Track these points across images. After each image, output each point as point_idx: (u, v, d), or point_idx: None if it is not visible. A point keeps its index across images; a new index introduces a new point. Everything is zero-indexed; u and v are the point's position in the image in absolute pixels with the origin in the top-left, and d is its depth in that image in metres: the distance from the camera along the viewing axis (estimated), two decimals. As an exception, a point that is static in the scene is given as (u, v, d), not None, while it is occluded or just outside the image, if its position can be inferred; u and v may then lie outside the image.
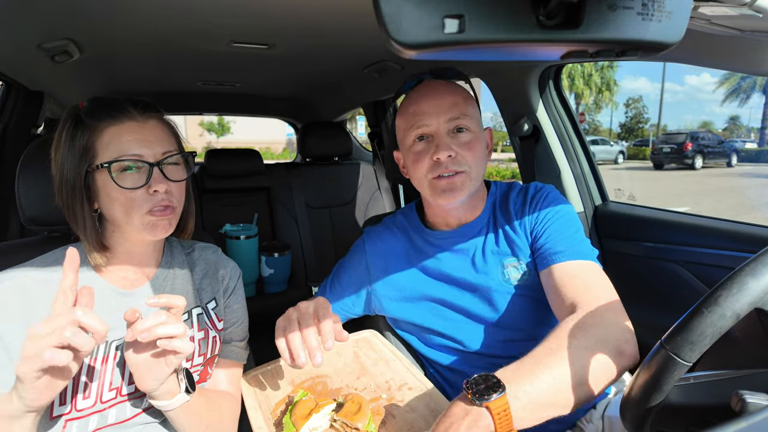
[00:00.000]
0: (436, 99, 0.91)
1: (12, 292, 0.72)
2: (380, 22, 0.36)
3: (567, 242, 0.89)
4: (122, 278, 0.84)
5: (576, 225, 0.93)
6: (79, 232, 0.79)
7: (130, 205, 0.76)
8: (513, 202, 0.99)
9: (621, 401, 0.56)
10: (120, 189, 0.74)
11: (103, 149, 0.75)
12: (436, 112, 0.90)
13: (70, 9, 1.01)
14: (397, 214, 1.13)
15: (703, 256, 1.23)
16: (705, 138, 17.09)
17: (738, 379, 0.53)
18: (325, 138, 2.38)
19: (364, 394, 0.87)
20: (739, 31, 0.66)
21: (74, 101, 0.81)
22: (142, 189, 0.76)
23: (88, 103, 0.78)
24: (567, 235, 0.90)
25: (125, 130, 0.76)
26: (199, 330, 0.89)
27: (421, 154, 0.92)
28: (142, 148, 0.76)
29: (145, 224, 0.77)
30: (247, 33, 1.25)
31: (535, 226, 0.94)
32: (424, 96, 0.93)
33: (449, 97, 0.91)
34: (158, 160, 0.78)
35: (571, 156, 1.56)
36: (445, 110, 0.90)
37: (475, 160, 0.91)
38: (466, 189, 0.91)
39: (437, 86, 0.94)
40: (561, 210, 0.94)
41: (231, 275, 0.98)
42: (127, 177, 0.76)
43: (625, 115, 41.11)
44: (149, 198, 0.77)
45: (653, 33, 0.40)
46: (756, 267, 0.48)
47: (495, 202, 1.01)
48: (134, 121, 0.78)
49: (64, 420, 0.73)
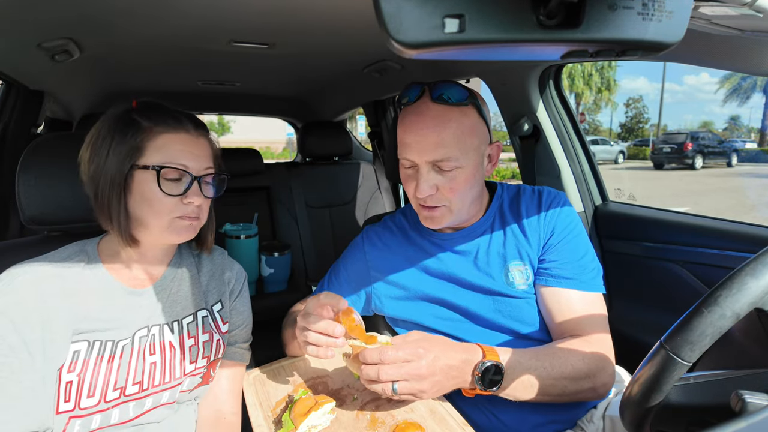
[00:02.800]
0: (422, 136, 0.85)
1: (28, 286, 0.73)
2: (380, 21, 0.36)
3: (577, 269, 0.90)
4: (132, 278, 0.85)
5: (585, 245, 0.94)
6: (111, 226, 0.80)
7: (162, 209, 0.78)
8: (525, 205, 0.97)
9: (621, 401, 0.57)
10: (159, 192, 0.77)
11: (153, 152, 0.78)
12: (419, 150, 0.86)
13: (71, 8, 1.01)
14: (396, 214, 1.13)
15: (703, 256, 1.23)
16: (705, 138, 17.07)
17: (738, 379, 0.53)
18: (325, 138, 2.38)
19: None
20: (739, 31, 0.66)
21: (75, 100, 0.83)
22: (178, 197, 0.79)
23: (143, 105, 0.81)
24: (578, 258, 0.91)
25: (179, 140, 0.80)
26: (203, 332, 0.89)
27: (408, 179, 0.92)
28: (189, 161, 0.80)
29: (171, 227, 0.80)
30: (247, 32, 1.25)
31: (550, 238, 0.93)
32: (413, 125, 0.87)
33: (436, 135, 0.84)
34: (200, 174, 0.82)
35: (571, 156, 1.56)
36: (429, 151, 0.85)
37: (456, 195, 0.88)
38: (446, 219, 0.91)
39: (430, 115, 0.85)
40: (575, 226, 0.94)
41: (237, 277, 0.99)
42: (169, 183, 0.79)
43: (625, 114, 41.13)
44: (182, 207, 0.80)
45: (653, 33, 0.40)
46: (756, 267, 0.48)
47: (502, 204, 1.00)
48: (189, 134, 0.82)
49: (68, 417, 0.74)
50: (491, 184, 1.05)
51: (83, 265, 0.80)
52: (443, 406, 0.82)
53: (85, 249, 0.83)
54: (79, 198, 0.86)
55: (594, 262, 0.93)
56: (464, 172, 0.87)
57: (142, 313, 0.83)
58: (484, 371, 0.75)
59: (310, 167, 2.38)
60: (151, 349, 0.82)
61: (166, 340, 0.84)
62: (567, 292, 0.90)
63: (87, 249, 0.83)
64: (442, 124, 0.85)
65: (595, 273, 0.92)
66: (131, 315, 0.82)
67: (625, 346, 1.39)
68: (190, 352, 0.86)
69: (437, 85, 0.87)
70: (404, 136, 0.89)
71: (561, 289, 0.90)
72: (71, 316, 0.75)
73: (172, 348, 0.85)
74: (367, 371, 0.72)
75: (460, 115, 0.86)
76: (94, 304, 0.78)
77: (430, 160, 0.86)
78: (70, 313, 0.75)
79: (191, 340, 0.87)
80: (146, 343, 0.82)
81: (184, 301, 0.89)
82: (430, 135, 0.85)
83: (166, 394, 0.83)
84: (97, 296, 0.79)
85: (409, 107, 0.90)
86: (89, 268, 0.80)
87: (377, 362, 0.72)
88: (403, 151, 0.90)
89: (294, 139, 7.85)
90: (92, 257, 0.82)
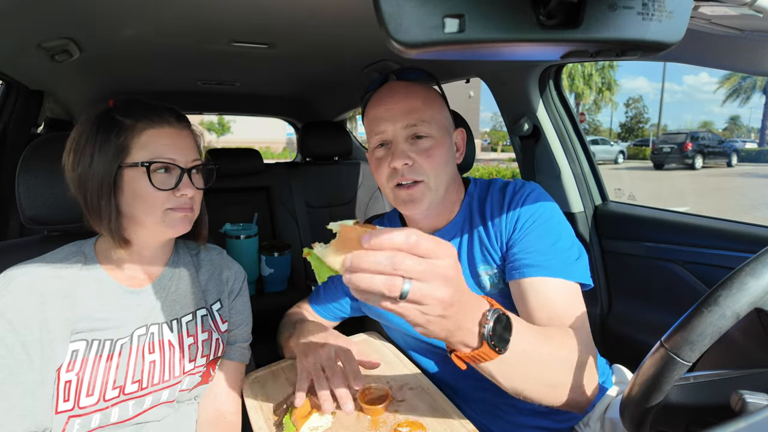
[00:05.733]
0: (393, 104, 0.86)
1: (27, 287, 0.73)
2: (380, 21, 0.36)
3: (543, 255, 0.81)
4: (130, 277, 0.85)
5: (556, 232, 0.84)
6: (102, 228, 0.79)
7: (155, 203, 0.79)
8: (490, 203, 0.92)
9: (621, 401, 0.56)
10: (151, 187, 0.77)
11: (139, 149, 0.78)
12: (392, 117, 0.86)
13: (70, 8, 1.01)
14: (384, 219, 1.12)
15: (703, 256, 1.23)
16: (705, 138, 17.08)
17: (738, 379, 0.53)
18: (325, 137, 2.38)
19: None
20: (739, 31, 0.66)
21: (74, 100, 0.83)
22: (170, 191, 0.79)
23: (121, 103, 0.81)
24: (544, 245, 0.82)
25: (163, 134, 0.80)
26: (202, 331, 0.89)
27: (381, 161, 0.88)
28: (176, 154, 0.80)
29: (165, 221, 0.80)
30: (247, 32, 1.25)
31: (513, 233, 0.86)
32: (382, 100, 0.88)
33: (406, 102, 0.86)
34: (189, 167, 0.82)
35: (571, 156, 1.56)
36: (402, 116, 0.85)
37: (434, 169, 0.86)
38: (426, 199, 0.87)
39: (397, 89, 0.88)
40: (542, 214, 0.86)
41: (236, 277, 0.99)
42: (159, 178, 0.79)
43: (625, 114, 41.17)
44: (175, 199, 0.80)
45: (653, 33, 0.40)
46: (756, 267, 0.48)
47: (471, 203, 0.95)
48: (172, 127, 0.82)
49: (67, 416, 0.74)
50: (465, 180, 1.01)
51: (81, 266, 0.80)
52: (444, 405, 0.82)
53: (82, 249, 0.83)
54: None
55: (571, 249, 0.83)
56: (438, 144, 0.86)
57: (140, 312, 0.83)
58: (496, 320, 0.58)
59: (310, 167, 2.38)
60: (150, 348, 0.82)
61: (165, 338, 0.84)
62: (530, 282, 0.79)
63: (84, 249, 0.83)
64: (413, 94, 0.87)
65: (571, 261, 0.81)
66: (129, 314, 0.82)
67: (625, 346, 1.40)
68: (189, 350, 0.86)
69: (400, 70, 0.92)
70: (375, 111, 0.88)
71: (525, 279, 0.80)
72: (69, 316, 0.75)
73: (172, 347, 0.85)
74: (374, 257, 0.47)
75: (427, 90, 0.90)
76: (92, 303, 0.78)
77: (404, 124, 0.85)
78: (68, 313, 0.75)
79: (190, 339, 0.87)
80: (145, 342, 0.82)
81: (183, 300, 0.89)
82: (401, 102, 0.86)
83: (165, 392, 0.83)
84: (94, 296, 0.79)
85: (374, 94, 0.92)
86: (87, 269, 0.80)
87: (394, 247, 0.48)
88: (375, 125, 0.88)
89: (294, 139, 7.85)
90: (89, 257, 0.82)
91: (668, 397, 0.52)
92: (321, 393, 0.77)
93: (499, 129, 43.24)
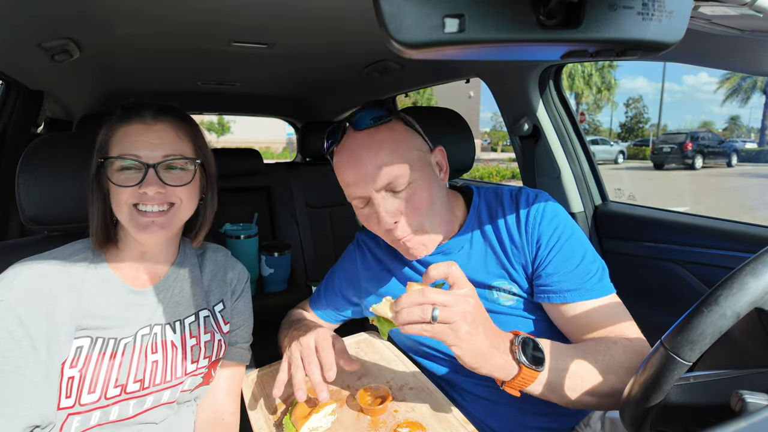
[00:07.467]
0: (360, 167, 0.82)
1: (33, 282, 0.74)
2: (380, 21, 0.36)
3: (577, 277, 0.83)
4: (134, 276, 0.85)
5: (581, 249, 0.85)
6: (90, 225, 0.81)
7: (119, 199, 0.78)
8: (502, 216, 0.90)
9: (621, 401, 0.57)
10: (114, 185, 0.78)
11: (113, 147, 0.79)
12: (363, 182, 0.82)
13: (70, 8, 1.01)
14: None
15: (703, 256, 1.23)
16: (705, 138, 17.08)
17: (738, 379, 0.53)
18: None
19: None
20: (739, 31, 0.66)
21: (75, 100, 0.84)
22: (133, 188, 0.77)
23: (124, 104, 0.83)
24: (573, 266, 0.83)
25: (132, 130, 0.80)
26: (205, 332, 0.89)
27: (369, 218, 0.86)
28: (142, 150, 0.78)
29: (132, 221, 0.78)
30: (247, 32, 1.25)
31: (539, 251, 0.86)
32: (347, 163, 0.84)
33: (373, 160, 0.81)
34: (157, 162, 0.78)
35: (571, 156, 1.56)
36: (373, 180, 0.81)
37: (423, 213, 0.83)
38: (427, 243, 0.86)
39: (360, 145, 0.83)
40: (564, 231, 0.86)
41: (239, 278, 0.99)
42: (123, 175, 0.78)
43: (625, 114, 41.17)
44: (139, 197, 0.78)
45: (653, 33, 0.40)
46: (756, 267, 0.48)
47: (480, 216, 0.93)
48: (142, 123, 0.80)
49: (66, 413, 0.74)
50: (467, 190, 1.00)
51: (88, 263, 0.81)
52: (445, 406, 0.82)
53: (90, 247, 0.83)
54: (79, 198, 0.86)
55: (595, 263, 0.85)
56: (419, 187, 0.83)
57: (144, 312, 0.83)
58: (523, 344, 0.69)
59: (310, 167, 2.38)
60: (153, 348, 0.82)
61: (168, 339, 0.84)
62: (574, 306, 0.82)
63: (92, 247, 0.83)
64: (375, 147, 0.81)
65: (600, 275, 0.84)
66: (133, 314, 0.82)
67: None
68: (191, 351, 0.86)
69: (355, 114, 0.85)
70: (344, 177, 0.85)
71: (568, 304, 0.83)
72: (75, 312, 0.76)
73: (174, 347, 0.85)
74: (409, 295, 0.64)
75: (389, 131, 0.84)
76: (97, 301, 0.78)
77: (377, 187, 0.81)
78: (73, 308, 0.76)
79: (193, 340, 0.87)
80: (148, 342, 0.82)
81: (186, 302, 0.89)
82: (368, 164, 0.81)
83: (167, 393, 0.83)
84: (100, 294, 0.79)
85: (336, 148, 0.87)
86: (93, 266, 0.81)
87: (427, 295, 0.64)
88: (350, 191, 0.85)
89: (294, 139, 7.85)
90: (96, 255, 0.82)
91: (668, 397, 0.52)
92: (295, 381, 0.78)
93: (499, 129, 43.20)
